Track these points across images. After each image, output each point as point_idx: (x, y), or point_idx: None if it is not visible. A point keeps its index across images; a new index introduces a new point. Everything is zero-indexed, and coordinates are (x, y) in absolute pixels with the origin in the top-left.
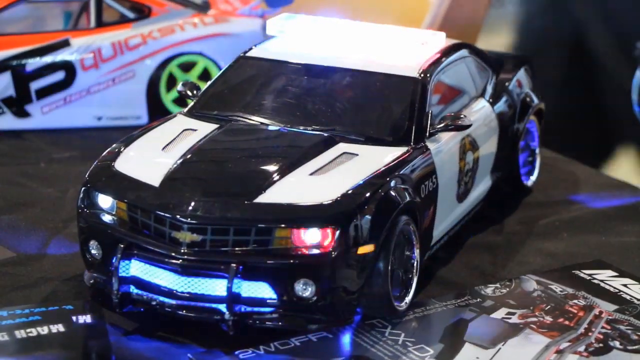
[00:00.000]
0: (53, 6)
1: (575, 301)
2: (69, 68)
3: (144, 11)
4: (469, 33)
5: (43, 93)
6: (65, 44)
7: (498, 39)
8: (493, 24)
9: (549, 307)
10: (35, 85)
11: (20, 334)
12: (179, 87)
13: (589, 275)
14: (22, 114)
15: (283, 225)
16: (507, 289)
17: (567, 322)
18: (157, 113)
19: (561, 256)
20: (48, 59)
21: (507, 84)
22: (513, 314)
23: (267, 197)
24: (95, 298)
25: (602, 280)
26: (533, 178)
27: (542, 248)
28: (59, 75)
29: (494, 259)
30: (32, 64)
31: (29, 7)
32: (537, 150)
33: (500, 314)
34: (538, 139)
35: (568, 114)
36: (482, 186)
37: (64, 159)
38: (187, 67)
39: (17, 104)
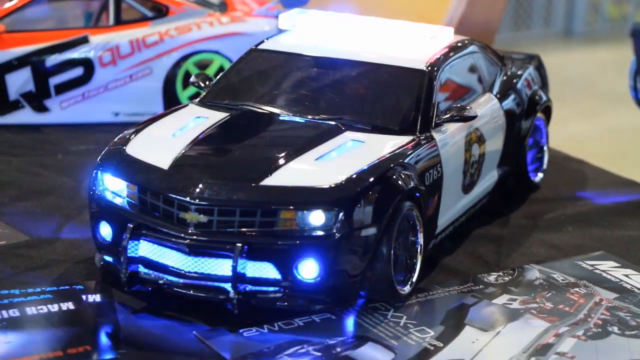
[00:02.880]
0: (75, 6)
1: (577, 289)
2: (87, 64)
3: (162, 10)
4: (485, 36)
5: (62, 88)
6: (84, 40)
7: None
8: None
9: (550, 294)
10: (54, 80)
11: (31, 310)
12: (192, 78)
13: (592, 265)
14: (41, 108)
15: (288, 207)
16: (510, 277)
17: (567, 308)
18: None
19: (565, 248)
20: (67, 55)
21: (515, 80)
22: (514, 300)
23: (273, 180)
24: (105, 279)
25: (604, 271)
26: (541, 175)
27: (546, 240)
28: (78, 72)
29: (498, 249)
30: (52, 60)
31: (51, 7)
32: (546, 148)
33: (501, 300)
34: (546, 136)
35: None
36: (488, 179)
37: (81, 151)
38: (203, 65)
39: (37, 99)
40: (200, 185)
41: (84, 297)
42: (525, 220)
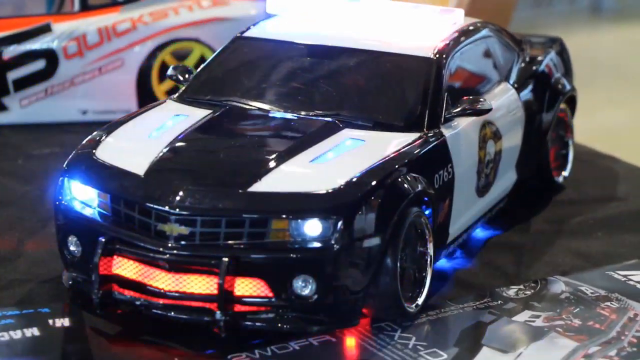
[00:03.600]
0: None
1: (608, 303)
2: (50, 56)
3: None
4: (501, 15)
5: (22, 84)
6: (46, 29)
7: None
8: None
9: (577, 309)
10: (12, 75)
11: None
12: (169, 71)
13: (624, 276)
14: None
15: (280, 216)
16: (532, 291)
17: (597, 325)
18: None
19: (594, 257)
20: (27, 46)
21: (535, 68)
22: (537, 316)
23: (263, 185)
24: (74, 300)
25: (638, 282)
26: (565, 173)
27: (572, 248)
28: (39, 64)
29: (518, 259)
30: (9, 51)
31: None
32: (571, 143)
33: (523, 316)
34: (571, 130)
35: None
36: (506, 180)
37: (44, 155)
38: (182, 55)
39: None
40: (181, 193)
41: (50, 321)
42: (548, 226)
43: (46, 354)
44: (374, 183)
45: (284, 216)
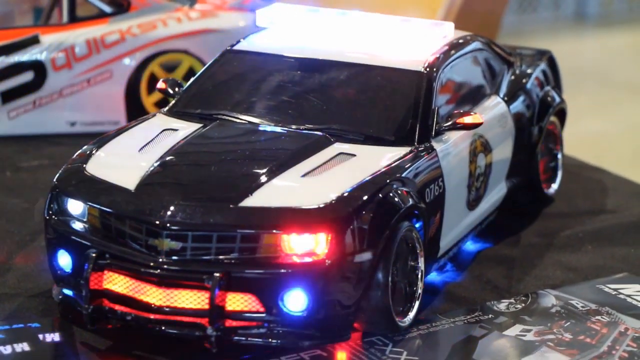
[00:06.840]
0: (22, 0)
1: (599, 317)
2: (38, 68)
3: (123, 5)
4: (488, 27)
5: (10, 96)
6: (34, 41)
7: None
8: None
9: (568, 323)
10: (0, 87)
11: None
12: (159, 84)
13: (615, 289)
14: None
15: (271, 231)
16: (523, 305)
17: (588, 340)
18: (137, 118)
19: (584, 270)
20: (15, 58)
21: (524, 80)
22: (528, 330)
23: (254, 200)
24: (64, 315)
25: (629, 295)
26: (555, 186)
27: (563, 261)
28: (28, 76)
29: (509, 272)
30: None
31: None
32: (560, 155)
33: (514, 331)
34: (561, 143)
35: None
36: (496, 193)
37: (33, 167)
38: (170, 67)
39: None
40: (172, 208)
41: (40, 336)
42: (538, 239)
43: None
44: (365, 198)
45: (275, 231)
